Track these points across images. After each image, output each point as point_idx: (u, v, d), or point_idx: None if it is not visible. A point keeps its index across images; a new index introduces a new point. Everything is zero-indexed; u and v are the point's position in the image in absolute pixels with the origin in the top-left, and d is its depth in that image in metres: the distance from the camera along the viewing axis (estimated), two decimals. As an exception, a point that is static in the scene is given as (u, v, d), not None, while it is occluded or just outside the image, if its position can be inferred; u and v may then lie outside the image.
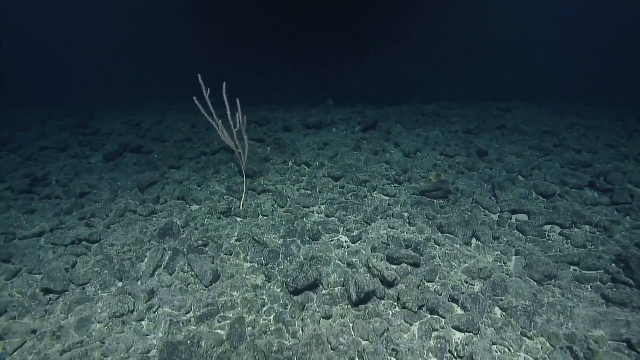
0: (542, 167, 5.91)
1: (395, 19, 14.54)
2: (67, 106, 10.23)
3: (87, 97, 11.01)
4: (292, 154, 6.49)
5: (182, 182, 5.67)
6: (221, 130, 4.37)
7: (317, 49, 13.09)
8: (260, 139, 7.24)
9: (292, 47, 13.31)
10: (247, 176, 5.77)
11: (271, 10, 13.09)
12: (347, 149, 6.74)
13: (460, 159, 6.26)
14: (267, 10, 13.11)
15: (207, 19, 13.57)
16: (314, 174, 5.79)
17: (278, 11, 13.18)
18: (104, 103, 10.50)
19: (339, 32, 13.19)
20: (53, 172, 6.15)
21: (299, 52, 13.20)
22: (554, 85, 12.37)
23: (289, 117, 8.64)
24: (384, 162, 6.20)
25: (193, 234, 4.37)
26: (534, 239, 4.22)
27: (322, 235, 4.36)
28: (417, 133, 7.56)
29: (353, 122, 8.30)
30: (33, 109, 10.09)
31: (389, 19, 14.41)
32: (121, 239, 4.15)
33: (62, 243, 4.04)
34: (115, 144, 6.95)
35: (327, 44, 13.11)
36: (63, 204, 4.99)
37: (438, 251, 4.09)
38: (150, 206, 4.95)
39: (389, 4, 13.62)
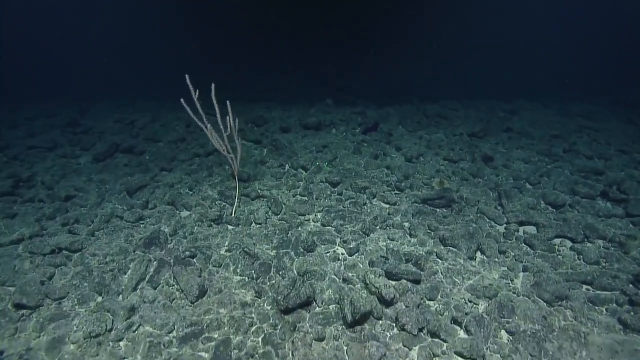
0: (550, 174, 5.68)
1: (395, 18, 14.31)
2: (58, 103, 10.01)
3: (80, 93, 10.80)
4: (289, 157, 6.27)
5: (173, 186, 5.45)
6: (211, 133, 4.15)
7: (316, 48, 12.87)
8: (257, 140, 7.02)
9: (292, 47, 13.09)
10: (241, 180, 5.55)
11: (271, 9, 12.87)
12: (346, 152, 6.51)
13: (465, 165, 6.02)
14: (266, 9, 12.89)
15: (206, 18, 13.34)
16: (311, 178, 5.57)
17: (278, 11, 12.96)
18: (98, 100, 10.28)
19: (339, 32, 12.97)
20: (39, 172, 5.94)
21: (298, 52, 12.98)
22: (556, 83, 12.15)
23: (286, 117, 8.41)
24: (384, 167, 5.97)
25: (181, 243, 4.15)
26: (543, 254, 3.99)
27: (317, 247, 4.14)
28: (419, 135, 7.32)
29: (353, 123, 8.06)
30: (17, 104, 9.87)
31: (389, 18, 14.18)
32: (104, 248, 3.94)
33: (40, 252, 3.83)
34: (106, 144, 6.74)
35: (327, 43, 12.89)
36: (46, 208, 4.79)
37: (440, 266, 3.86)
38: (138, 211, 4.74)
39: (388, 3, 13.39)
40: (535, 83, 11.96)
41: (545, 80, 12.55)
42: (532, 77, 12.61)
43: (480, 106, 9.36)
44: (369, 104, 9.58)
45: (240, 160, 6.04)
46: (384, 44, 13.18)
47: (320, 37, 12.87)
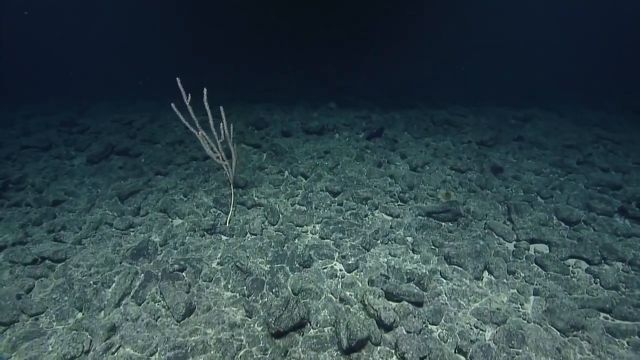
0: (564, 187, 5.42)
1: (395, 17, 14.13)
2: (57, 102, 9.92)
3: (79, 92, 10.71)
4: (288, 163, 6.07)
5: (167, 191, 5.28)
6: (203, 140, 3.97)
7: (317, 48, 12.74)
8: (257, 144, 6.84)
9: (292, 46, 12.95)
10: (238, 186, 5.37)
11: (271, 9, 12.74)
12: (348, 159, 6.30)
13: (473, 175, 5.79)
14: (267, 9, 12.77)
15: (206, 18, 13.24)
16: (311, 187, 5.37)
17: (278, 11, 12.84)
18: (97, 99, 10.17)
19: (339, 31, 12.83)
20: (30, 174, 5.81)
21: (299, 51, 12.85)
22: (558, 85, 11.92)
23: (288, 120, 8.22)
24: (388, 176, 5.75)
25: (171, 254, 3.98)
26: (556, 276, 3.75)
27: (314, 262, 3.94)
28: (425, 143, 7.09)
29: (357, 127, 7.86)
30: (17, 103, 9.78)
31: (390, 18, 14.00)
32: (89, 259, 3.77)
33: (21, 261, 3.68)
34: (102, 145, 6.60)
35: (327, 43, 12.75)
36: (32, 213, 4.64)
37: (444, 286, 3.65)
38: (129, 218, 4.58)
39: (389, 3, 13.21)
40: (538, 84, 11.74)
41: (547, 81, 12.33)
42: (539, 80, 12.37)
43: (490, 113, 9.10)
44: (374, 108, 9.36)
45: (237, 166, 5.88)
46: (385, 43, 13.03)
47: (320, 37, 12.75)
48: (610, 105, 10.21)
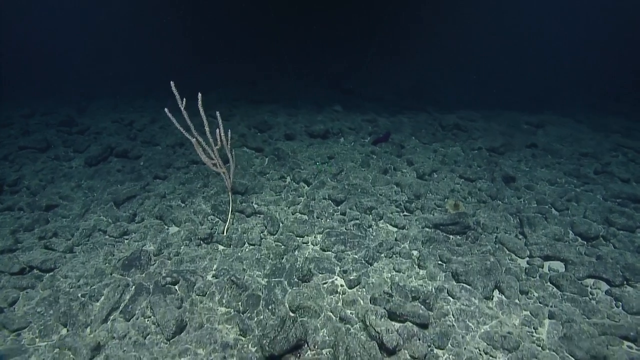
0: (580, 199, 5.18)
1: (405, 18, 13.91)
2: (58, 100, 9.89)
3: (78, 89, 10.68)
4: (291, 169, 5.91)
5: (164, 196, 5.15)
6: (199, 148, 3.81)
7: (323, 48, 12.59)
8: (259, 148, 6.68)
9: (299, 47, 12.82)
10: (238, 193, 5.22)
11: (277, 9, 12.63)
12: (353, 165, 6.11)
13: (483, 184, 5.56)
14: (272, 9, 12.66)
15: (209, 17, 13.17)
16: (313, 194, 5.20)
17: (284, 10, 12.72)
18: (99, 97, 10.12)
19: (347, 32, 12.67)
20: (27, 176, 5.72)
21: (305, 52, 12.71)
22: (578, 90, 11.60)
23: (292, 123, 8.06)
24: (394, 183, 5.56)
25: (164, 265, 3.83)
26: (573, 297, 3.53)
27: (314, 276, 3.76)
28: (433, 149, 6.87)
29: (363, 131, 7.67)
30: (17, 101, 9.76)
31: (399, 19, 13.79)
32: (78, 269, 3.64)
33: (8, 270, 3.55)
34: (101, 147, 6.49)
35: (335, 44, 12.60)
36: (24, 218, 4.53)
37: (452, 306, 3.45)
38: (123, 225, 4.45)
39: (397, 4, 13.01)
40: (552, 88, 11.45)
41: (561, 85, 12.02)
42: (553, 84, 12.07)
43: (501, 118, 8.85)
44: (381, 111, 9.17)
45: (238, 171, 5.73)
46: (392, 44, 12.82)
47: (327, 37, 12.60)
48: (631, 110, 9.89)
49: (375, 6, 13.36)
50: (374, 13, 13.50)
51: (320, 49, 12.97)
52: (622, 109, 9.97)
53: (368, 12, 13.39)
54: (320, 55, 12.97)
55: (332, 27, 13.02)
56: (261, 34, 13.20)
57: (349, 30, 13.03)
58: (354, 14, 13.32)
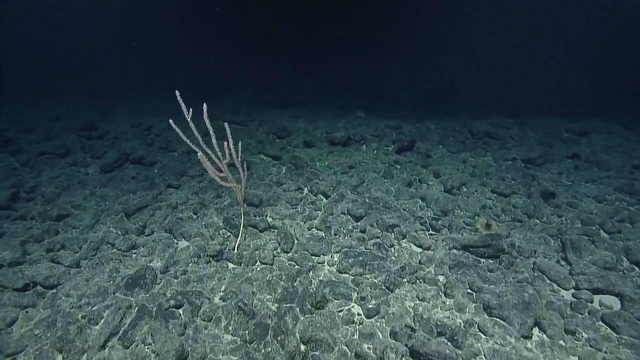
0: (635, 219, 4.63)
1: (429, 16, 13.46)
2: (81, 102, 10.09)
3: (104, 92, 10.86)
4: (308, 179, 5.65)
5: (176, 207, 5.01)
6: (206, 163, 3.61)
7: (345, 49, 12.35)
8: (276, 156, 6.47)
9: (318, 47, 12.62)
10: (252, 204, 5.01)
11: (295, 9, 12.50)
12: (375, 176, 5.79)
13: (518, 200, 5.10)
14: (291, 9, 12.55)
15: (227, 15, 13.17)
16: (331, 208, 4.91)
17: (302, 11, 12.58)
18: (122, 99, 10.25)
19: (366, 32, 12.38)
20: (44, 182, 5.74)
21: (324, 52, 12.51)
22: (627, 94, 10.74)
23: (312, 129, 7.81)
24: (419, 198, 5.19)
25: (170, 284, 3.65)
26: (633, 343, 3.07)
27: (329, 302, 3.47)
28: (463, 159, 6.43)
29: (387, 139, 7.32)
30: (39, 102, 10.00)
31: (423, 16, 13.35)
32: (81, 287, 3.51)
33: (11, 286, 3.47)
34: (117, 153, 6.47)
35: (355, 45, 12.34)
36: (35, 228, 4.49)
37: (483, 344, 3.07)
38: (132, 238, 4.32)
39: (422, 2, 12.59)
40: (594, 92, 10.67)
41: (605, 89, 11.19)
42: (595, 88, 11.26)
43: (538, 124, 8.25)
44: (406, 117, 8.77)
45: (253, 181, 5.52)
46: (416, 42, 12.42)
47: (348, 37, 12.37)
48: None
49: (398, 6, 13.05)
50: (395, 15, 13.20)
51: (340, 49, 12.76)
52: None
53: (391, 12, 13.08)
54: (341, 55, 12.75)
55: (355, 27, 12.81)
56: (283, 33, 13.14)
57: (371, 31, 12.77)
58: (377, 13, 13.06)
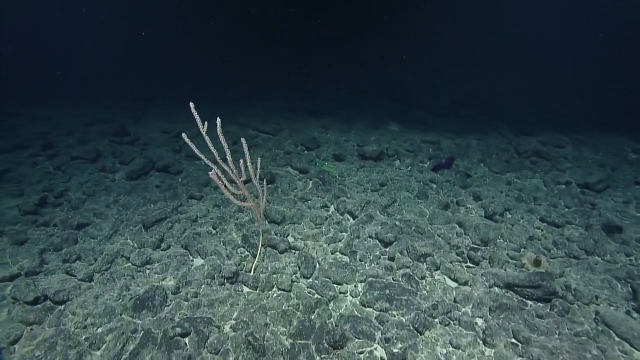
0: None
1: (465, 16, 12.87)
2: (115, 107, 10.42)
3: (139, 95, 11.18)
4: (336, 196, 5.34)
5: (195, 220, 4.87)
6: (220, 181, 3.40)
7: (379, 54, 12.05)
8: (304, 169, 6.22)
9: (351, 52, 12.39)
10: (274, 221, 4.77)
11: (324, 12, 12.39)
12: (408, 195, 5.38)
13: (574, 232, 4.50)
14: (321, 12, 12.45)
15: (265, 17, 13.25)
16: (358, 230, 4.56)
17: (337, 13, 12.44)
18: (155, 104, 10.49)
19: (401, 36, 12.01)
20: (72, 187, 5.83)
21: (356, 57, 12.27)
22: None
23: (343, 141, 7.51)
24: (456, 223, 4.73)
25: (179, 308, 3.45)
26: None
27: (349, 342, 3.13)
28: (507, 180, 5.87)
29: (423, 154, 6.86)
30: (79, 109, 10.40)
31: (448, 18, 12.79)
32: (89, 305, 3.39)
33: (23, 299, 3.41)
34: (143, 160, 6.49)
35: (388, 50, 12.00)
36: (56, 237, 4.49)
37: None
38: (147, 252, 4.19)
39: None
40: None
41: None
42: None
43: (598, 143, 7.45)
44: (444, 132, 8.26)
45: (278, 195, 5.27)
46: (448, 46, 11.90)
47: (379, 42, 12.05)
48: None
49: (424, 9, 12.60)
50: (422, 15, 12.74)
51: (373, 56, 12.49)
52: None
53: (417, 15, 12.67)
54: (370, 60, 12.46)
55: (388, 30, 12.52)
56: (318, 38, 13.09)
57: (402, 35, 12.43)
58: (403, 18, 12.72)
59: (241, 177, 3.49)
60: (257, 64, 12.67)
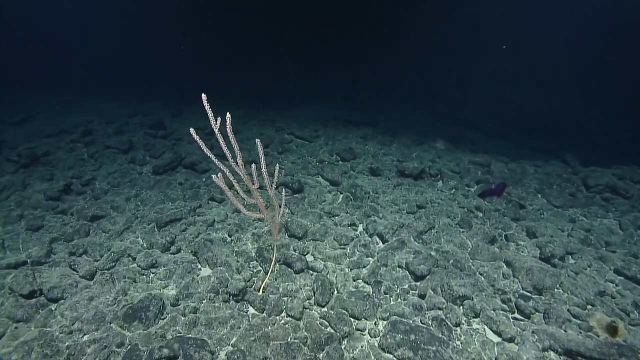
0: None
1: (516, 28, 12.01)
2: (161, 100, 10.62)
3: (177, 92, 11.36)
4: (366, 215, 4.83)
5: (212, 225, 4.57)
6: (225, 186, 3.05)
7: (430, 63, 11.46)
8: (335, 181, 5.77)
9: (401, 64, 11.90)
10: (294, 236, 4.36)
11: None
12: (449, 222, 4.75)
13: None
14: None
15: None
16: (387, 257, 4.02)
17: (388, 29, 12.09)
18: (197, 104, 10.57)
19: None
20: (99, 177, 5.80)
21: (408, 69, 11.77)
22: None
23: (382, 154, 6.98)
24: (503, 262, 4.05)
25: (174, 324, 3.11)
26: None
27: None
28: (570, 217, 5.05)
29: (469, 177, 6.17)
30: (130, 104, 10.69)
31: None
32: (80, 307, 3.14)
33: (18, 291, 3.23)
34: (171, 155, 6.37)
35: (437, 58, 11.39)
36: (69, 226, 4.37)
37: None
38: (156, 254, 3.94)
39: None
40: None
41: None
42: None
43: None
44: (498, 154, 7.46)
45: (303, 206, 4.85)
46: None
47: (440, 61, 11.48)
48: None
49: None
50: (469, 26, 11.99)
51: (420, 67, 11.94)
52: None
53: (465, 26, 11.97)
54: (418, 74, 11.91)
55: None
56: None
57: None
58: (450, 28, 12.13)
59: (254, 184, 3.11)
60: (305, 70, 12.53)
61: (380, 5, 13.29)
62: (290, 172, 6.09)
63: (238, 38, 13.95)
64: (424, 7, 13.70)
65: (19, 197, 5.01)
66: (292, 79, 11.91)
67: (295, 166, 6.38)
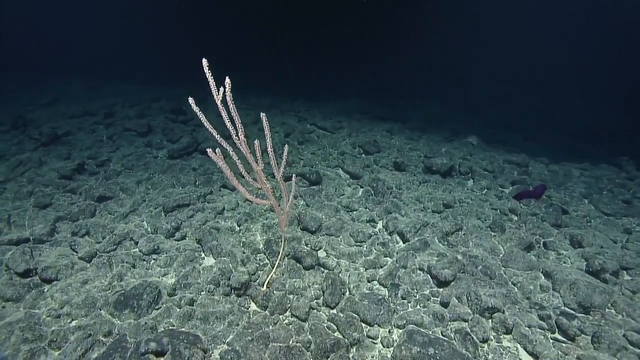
0: None
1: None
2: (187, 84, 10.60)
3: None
4: (387, 211, 4.45)
5: (221, 212, 4.34)
6: (226, 167, 2.77)
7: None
8: (356, 174, 5.42)
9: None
10: (307, 229, 4.06)
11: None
12: (479, 224, 4.29)
13: None
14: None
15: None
16: (407, 258, 3.64)
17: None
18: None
19: None
20: (114, 158, 5.72)
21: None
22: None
23: (408, 149, 6.55)
24: (541, 272, 3.57)
25: (168, 315, 2.87)
26: None
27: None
28: (625, 226, 4.45)
29: (504, 177, 5.63)
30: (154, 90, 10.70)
31: None
32: (71, 291, 2.96)
33: (14, 268, 3.10)
34: (188, 139, 6.21)
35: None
36: (76, 205, 4.25)
37: None
38: (159, 239, 3.74)
39: None
40: None
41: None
42: None
43: None
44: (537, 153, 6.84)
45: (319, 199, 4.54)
46: None
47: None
48: None
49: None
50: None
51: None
52: None
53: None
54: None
55: None
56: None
57: None
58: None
59: (258, 166, 2.82)
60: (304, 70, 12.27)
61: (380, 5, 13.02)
62: (310, 163, 5.79)
63: (238, 38, 13.94)
64: (424, 7, 13.42)
65: (33, 174, 4.98)
66: (291, 79, 11.66)
67: (315, 157, 6.07)
